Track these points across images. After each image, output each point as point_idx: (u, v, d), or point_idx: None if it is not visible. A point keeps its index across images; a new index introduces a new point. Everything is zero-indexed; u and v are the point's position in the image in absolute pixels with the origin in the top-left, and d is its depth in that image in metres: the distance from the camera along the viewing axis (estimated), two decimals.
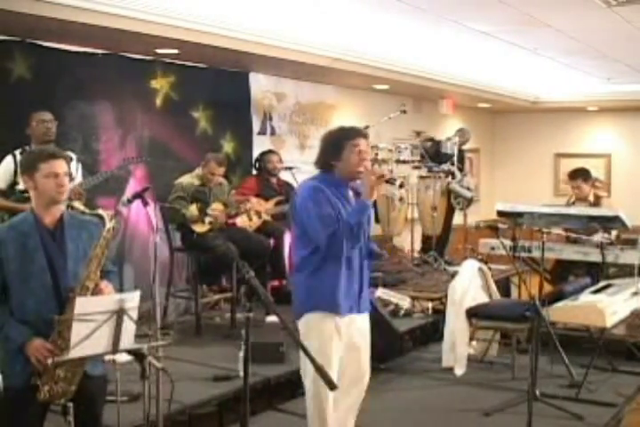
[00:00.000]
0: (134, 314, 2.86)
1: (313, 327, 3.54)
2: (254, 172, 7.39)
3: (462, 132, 9.01)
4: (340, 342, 3.58)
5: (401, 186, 3.94)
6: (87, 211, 3.07)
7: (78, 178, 5.17)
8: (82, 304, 2.73)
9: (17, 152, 5.09)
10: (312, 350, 3.48)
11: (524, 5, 5.86)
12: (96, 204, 6.20)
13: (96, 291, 2.94)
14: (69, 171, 3.11)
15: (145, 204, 4.28)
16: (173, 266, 6.27)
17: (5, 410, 2.96)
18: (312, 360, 2.75)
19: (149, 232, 5.87)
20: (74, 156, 5.27)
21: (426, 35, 7.08)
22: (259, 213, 6.68)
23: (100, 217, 3.03)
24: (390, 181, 3.69)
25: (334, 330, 3.55)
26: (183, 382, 4.26)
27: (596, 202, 6.80)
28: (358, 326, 3.68)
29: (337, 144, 3.56)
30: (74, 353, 2.72)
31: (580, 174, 6.84)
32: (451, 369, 5.49)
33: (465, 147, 9.16)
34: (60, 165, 3.00)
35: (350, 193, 3.62)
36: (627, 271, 6.27)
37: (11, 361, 2.95)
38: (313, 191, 3.51)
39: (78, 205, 3.03)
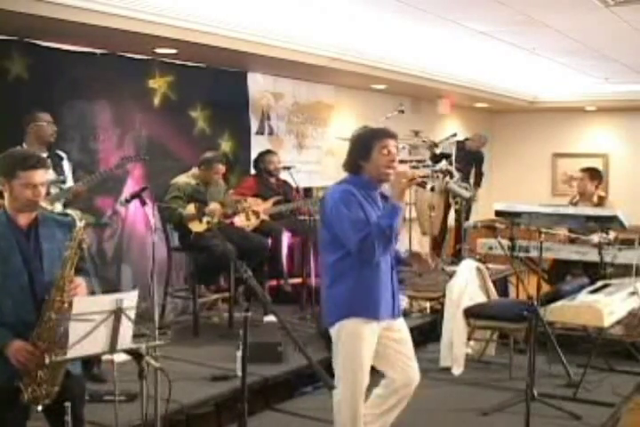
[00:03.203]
0: (132, 314, 2.85)
1: (349, 333, 3.45)
2: (253, 171, 7.39)
3: (479, 137, 9.25)
4: (373, 348, 3.51)
5: (432, 189, 3.82)
6: (55, 211, 3.03)
7: (69, 177, 5.20)
8: (79, 304, 2.73)
9: None
10: (345, 355, 3.45)
11: (522, 5, 5.86)
12: (94, 203, 6.24)
13: (71, 290, 2.89)
14: (50, 178, 3.03)
15: (143, 203, 4.29)
16: (171, 266, 6.26)
17: None
18: (310, 361, 2.76)
19: (147, 232, 5.87)
20: (64, 155, 5.30)
21: (424, 34, 7.09)
22: (257, 213, 6.68)
23: (69, 216, 2.98)
24: (422, 185, 3.59)
25: (371, 336, 3.48)
26: (181, 382, 4.27)
27: (600, 202, 6.82)
28: (398, 330, 3.62)
29: (365, 145, 3.48)
30: (72, 353, 2.72)
31: (590, 170, 6.93)
32: (448, 369, 5.49)
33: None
34: (39, 176, 2.91)
35: (378, 197, 3.54)
36: (625, 271, 6.28)
37: None
38: (344, 194, 3.41)
39: (46, 204, 2.98)
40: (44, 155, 4.75)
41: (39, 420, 3.07)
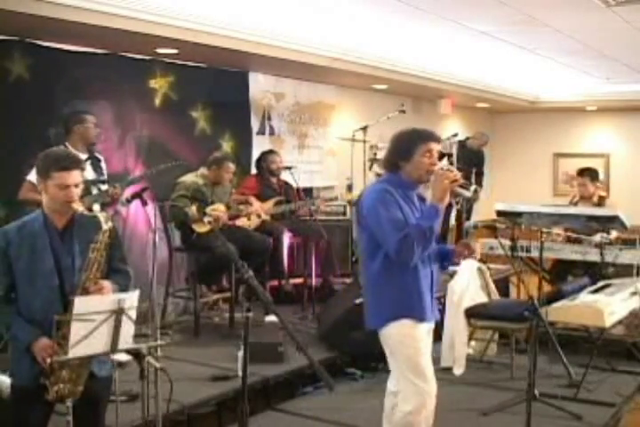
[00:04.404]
0: (133, 314, 2.86)
1: (406, 335, 3.42)
2: (254, 171, 7.39)
3: (481, 135, 9.28)
4: (430, 349, 3.51)
5: (475, 192, 3.72)
6: (86, 212, 3.03)
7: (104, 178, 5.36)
8: (80, 304, 2.73)
9: None
10: (406, 358, 3.41)
11: (523, 5, 5.86)
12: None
13: (95, 291, 2.91)
14: (83, 179, 3.05)
15: (144, 203, 4.30)
16: (172, 266, 6.26)
17: (13, 408, 2.97)
18: (311, 361, 2.76)
19: (148, 232, 5.87)
20: (101, 157, 5.46)
21: (425, 34, 7.08)
22: (258, 214, 6.68)
23: (96, 218, 2.98)
24: (464, 186, 3.51)
25: (423, 336, 3.46)
26: (182, 382, 4.27)
27: (600, 202, 6.83)
28: (431, 334, 3.60)
29: (408, 146, 3.43)
30: (73, 353, 2.73)
31: (588, 173, 6.94)
32: (449, 369, 5.49)
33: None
34: (72, 177, 2.93)
35: (416, 197, 3.51)
36: (626, 271, 6.27)
37: (19, 360, 2.96)
38: (382, 194, 3.37)
39: (77, 206, 2.98)
40: (85, 156, 4.86)
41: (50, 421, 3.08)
